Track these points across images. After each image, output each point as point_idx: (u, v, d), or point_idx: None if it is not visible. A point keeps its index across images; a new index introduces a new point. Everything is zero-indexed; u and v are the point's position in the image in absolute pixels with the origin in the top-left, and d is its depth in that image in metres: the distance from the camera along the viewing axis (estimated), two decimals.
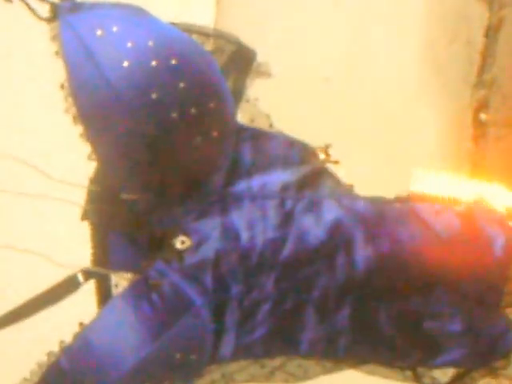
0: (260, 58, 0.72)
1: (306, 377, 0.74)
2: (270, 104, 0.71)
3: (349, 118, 1.25)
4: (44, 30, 0.62)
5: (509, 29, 1.24)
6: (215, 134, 0.65)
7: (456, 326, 0.70)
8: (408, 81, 1.28)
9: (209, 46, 0.70)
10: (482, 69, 1.27)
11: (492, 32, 1.25)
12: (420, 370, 0.75)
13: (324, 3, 1.20)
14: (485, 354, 0.72)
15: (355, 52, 1.22)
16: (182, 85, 0.62)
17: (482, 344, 0.71)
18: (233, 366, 0.71)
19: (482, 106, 1.28)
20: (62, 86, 0.63)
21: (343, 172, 0.70)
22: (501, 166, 1.25)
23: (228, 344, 0.67)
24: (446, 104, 1.29)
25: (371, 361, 0.74)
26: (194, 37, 0.70)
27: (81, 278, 0.67)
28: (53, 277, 0.65)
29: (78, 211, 0.66)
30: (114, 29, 0.62)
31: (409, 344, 0.71)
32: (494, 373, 0.74)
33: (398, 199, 0.69)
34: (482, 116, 1.28)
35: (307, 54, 1.17)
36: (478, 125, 1.28)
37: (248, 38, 0.75)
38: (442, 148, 1.30)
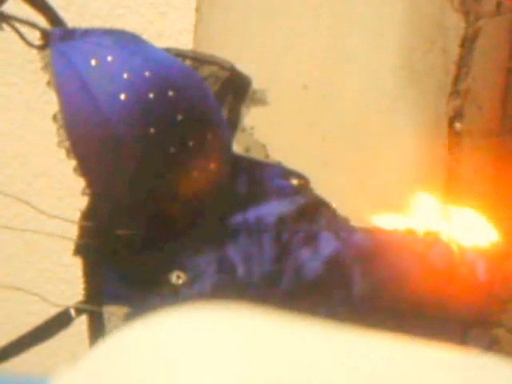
0: (240, 67, 0.70)
1: None
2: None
3: (325, 126, 1.25)
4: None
5: (484, 40, 1.25)
6: (213, 165, 0.63)
7: None
8: (384, 89, 1.29)
9: (202, 71, 0.68)
10: (458, 78, 1.28)
11: (468, 42, 1.26)
12: None
13: (302, 12, 1.19)
14: None
15: (332, 60, 1.22)
16: (179, 117, 0.60)
17: None
18: None
19: (457, 115, 1.29)
20: (55, 118, 0.61)
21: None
22: (475, 175, 1.27)
23: None
24: (421, 113, 1.30)
25: None
26: (187, 63, 0.68)
27: (73, 313, 0.65)
28: (45, 312, 0.63)
29: (70, 246, 0.63)
30: (109, 58, 0.60)
31: None
32: None
33: (394, 232, 0.69)
34: (457, 125, 1.29)
35: (285, 62, 1.16)
36: (453, 134, 1.29)
37: (227, 48, 0.73)
38: (417, 156, 1.31)
